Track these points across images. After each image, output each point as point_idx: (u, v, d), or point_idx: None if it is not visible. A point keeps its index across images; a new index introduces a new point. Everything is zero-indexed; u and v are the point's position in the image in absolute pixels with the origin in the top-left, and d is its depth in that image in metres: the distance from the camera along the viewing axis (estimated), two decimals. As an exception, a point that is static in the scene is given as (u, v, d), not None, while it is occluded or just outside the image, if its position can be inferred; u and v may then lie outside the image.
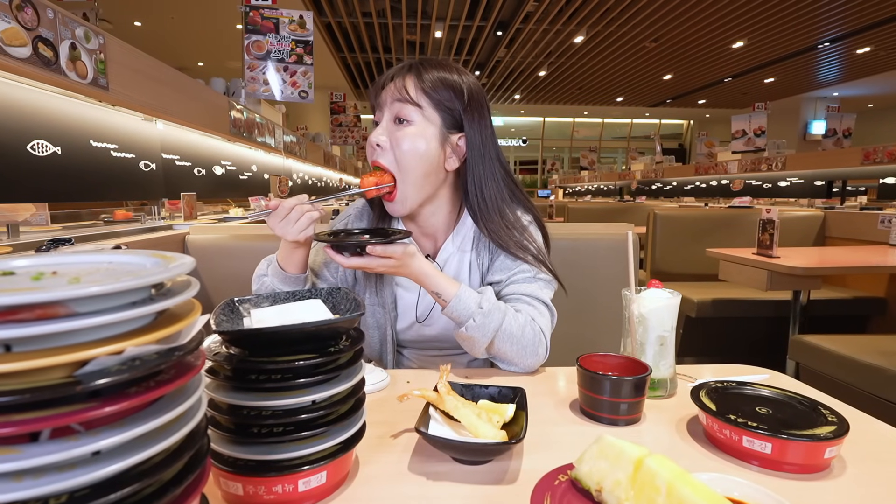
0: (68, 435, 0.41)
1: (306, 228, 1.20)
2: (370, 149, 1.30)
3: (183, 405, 0.48)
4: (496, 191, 1.35)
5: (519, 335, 1.19)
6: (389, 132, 1.27)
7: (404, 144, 1.25)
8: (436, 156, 1.29)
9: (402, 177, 1.27)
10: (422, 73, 1.28)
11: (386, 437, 0.89)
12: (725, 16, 11.03)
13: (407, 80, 1.28)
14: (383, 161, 1.27)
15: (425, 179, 1.29)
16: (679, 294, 1.11)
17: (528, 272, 1.32)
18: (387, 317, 1.41)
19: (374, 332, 1.43)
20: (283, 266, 1.29)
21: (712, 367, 1.28)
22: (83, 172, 2.41)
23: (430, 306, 1.40)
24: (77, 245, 1.75)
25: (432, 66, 1.30)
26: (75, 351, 0.40)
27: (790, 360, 2.81)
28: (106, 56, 2.31)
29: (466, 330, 1.17)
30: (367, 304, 1.42)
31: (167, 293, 0.50)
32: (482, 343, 1.19)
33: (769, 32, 12.10)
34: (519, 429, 0.82)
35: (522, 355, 1.21)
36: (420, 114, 1.26)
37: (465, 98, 1.30)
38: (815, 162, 5.41)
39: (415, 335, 1.43)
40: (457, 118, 1.31)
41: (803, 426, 0.81)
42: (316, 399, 0.69)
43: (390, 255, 1.12)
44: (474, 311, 1.17)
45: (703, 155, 8.81)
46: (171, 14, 10.85)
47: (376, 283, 1.42)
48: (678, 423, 0.96)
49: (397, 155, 1.26)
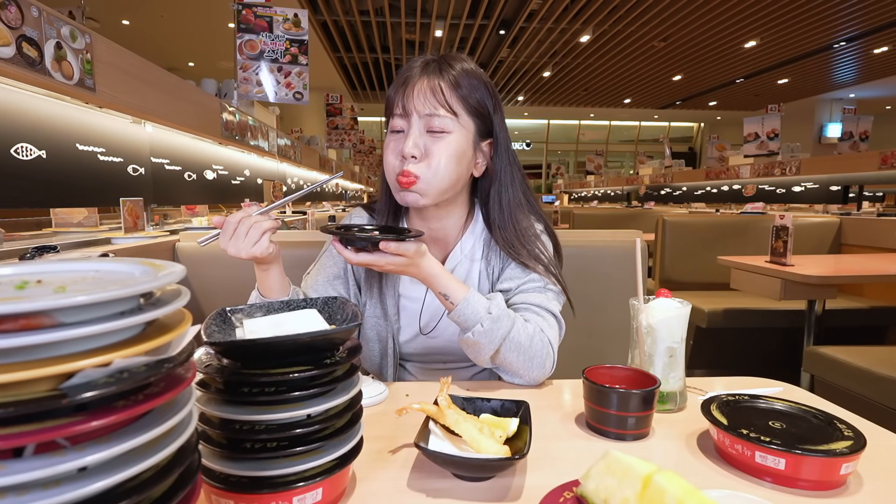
0: (53, 450, 0.41)
1: (259, 240, 1.15)
2: (397, 159, 1.25)
3: (173, 419, 0.48)
4: (514, 196, 1.36)
5: (527, 345, 1.19)
6: (423, 143, 1.24)
7: (442, 158, 1.23)
8: (469, 163, 1.30)
9: (431, 177, 1.24)
10: (455, 76, 1.25)
11: (384, 452, 0.89)
12: (737, 14, 11.06)
13: (441, 84, 1.24)
14: (416, 171, 1.22)
15: (452, 186, 1.29)
16: (689, 304, 1.11)
17: (539, 282, 1.31)
18: (389, 328, 1.40)
19: (374, 346, 1.42)
20: (265, 294, 1.26)
21: (723, 380, 1.28)
22: (69, 177, 2.41)
23: (435, 317, 1.40)
24: (63, 252, 1.75)
25: (459, 65, 1.28)
26: (61, 363, 0.40)
27: (804, 372, 2.81)
28: (93, 56, 2.32)
29: (473, 335, 1.17)
30: (367, 315, 1.42)
31: (156, 303, 0.50)
32: (488, 350, 1.17)
33: (783, 31, 12.14)
34: (522, 444, 0.82)
35: (529, 367, 1.20)
36: (456, 122, 1.25)
37: (494, 99, 1.31)
38: (830, 166, 5.41)
39: (418, 347, 1.43)
40: (487, 123, 1.31)
41: (818, 441, 0.81)
42: (311, 413, 0.69)
43: (402, 253, 1.09)
44: (482, 315, 1.16)
45: (714, 159, 8.81)
46: (160, 12, 10.88)
47: (378, 292, 1.40)
48: (688, 438, 0.96)
49: (433, 166, 1.23)
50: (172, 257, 1.98)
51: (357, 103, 18.28)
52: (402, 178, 1.23)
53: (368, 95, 20.67)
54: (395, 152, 1.26)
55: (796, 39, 12.73)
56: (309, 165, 8.20)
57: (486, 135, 1.33)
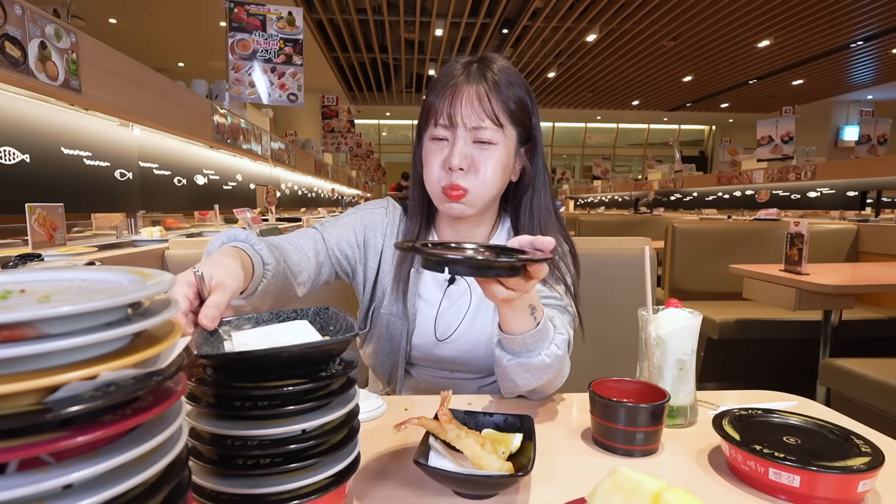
0: (37, 467, 0.41)
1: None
2: (442, 170, 1.28)
3: (162, 435, 0.48)
4: (544, 202, 1.40)
5: (557, 369, 1.14)
6: (470, 154, 1.27)
7: (489, 170, 1.27)
8: (510, 171, 1.35)
9: (478, 189, 1.28)
10: (499, 84, 1.27)
11: (382, 469, 0.89)
12: (750, 12, 11.09)
13: (487, 92, 1.26)
14: (464, 183, 1.26)
15: (496, 196, 1.34)
16: (700, 314, 1.11)
17: (561, 301, 1.33)
18: (403, 329, 1.42)
19: (384, 344, 1.44)
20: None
21: (736, 394, 1.28)
22: (54, 182, 2.42)
23: (452, 325, 1.41)
24: (47, 261, 1.76)
25: (497, 65, 1.30)
26: (45, 376, 0.40)
27: (820, 385, 2.81)
28: (78, 56, 2.33)
29: (530, 359, 1.08)
30: (383, 312, 1.43)
31: (145, 313, 0.50)
32: (533, 381, 1.12)
33: (798, 30, 12.16)
34: (526, 460, 0.82)
35: (548, 388, 1.20)
36: (501, 133, 1.28)
37: (531, 99, 1.34)
38: (847, 171, 5.41)
39: (427, 353, 1.44)
40: (527, 129, 1.34)
41: (835, 457, 0.81)
42: (306, 428, 0.69)
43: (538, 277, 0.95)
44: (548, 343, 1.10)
45: (726, 163, 8.82)
46: (149, 10, 10.88)
47: (404, 290, 1.41)
48: (699, 454, 0.96)
49: (480, 178, 1.27)
50: (162, 265, 1.99)
51: (354, 105, 18.38)
52: (451, 191, 1.26)
53: (366, 97, 20.71)
54: (440, 163, 1.28)
55: (812, 38, 12.75)
56: (303, 170, 8.22)
57: (525, 140, 1.36)
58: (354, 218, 1.47)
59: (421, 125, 1.36)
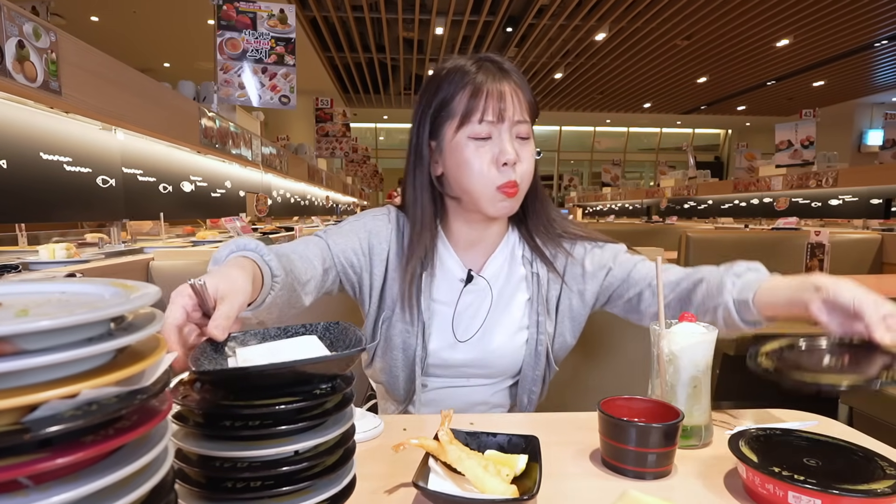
0: (14, 490, 0.42)
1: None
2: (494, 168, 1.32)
3: (146, 456, 0.48)
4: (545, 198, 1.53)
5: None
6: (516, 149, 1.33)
7: (530, 163, 1.37)
8: None
9: (523, 183, 1.37)
10: (520, 81, 1.37)
11: (379, 492, 0.89)
12: (768, 10, 11.10)
13: (519, 88, 1.35)
14: (516, 178, 1.34)
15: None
16: (715, 329, 1.11)
17: (623, 250, 1.55)
18: (418, 335, 1.42)
19: (397, 354, 1.44)
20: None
21: (753, 413, 1.28)
22: (32, 189, 2.42)
23: (471, 325, 1.44)
24: (25, 273, 1.76)
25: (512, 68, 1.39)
26: (23, 394, 0.40)
27: (843, 404, 2.79)
28: (58, 56, 2.33)
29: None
30: (395, 319, 1.44)
31: (128, 328, 0.50)
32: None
33: (818, 29, 12.18)
34: (532, 483, 0.82)
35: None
36: (530, 127, 1.38)
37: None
38: (871, 177, 5.42)
39: (443, 359, 1.45)
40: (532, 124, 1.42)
41: (858, 480, 0.81)
42: (299, 449, 0.69)
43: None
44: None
45: (743, 169, 8.85)
46: (133, 8, 10.91)
47: (409, 298, 1.42)
48: (714, 477, 0.95)
49: (525, 172, 1.36)
50: (146, 278, 1.99)
51: (349, 108, 18.39)
52: (509, 188, 1.32)
53: (362, 99, 20.74)
54: (489, 161, 1.32)
55: (833, 38, 12.77)
56: (296, 176, 8.23)
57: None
58: (357, 225, 1.48)
59: (437, 127, 1.38)
